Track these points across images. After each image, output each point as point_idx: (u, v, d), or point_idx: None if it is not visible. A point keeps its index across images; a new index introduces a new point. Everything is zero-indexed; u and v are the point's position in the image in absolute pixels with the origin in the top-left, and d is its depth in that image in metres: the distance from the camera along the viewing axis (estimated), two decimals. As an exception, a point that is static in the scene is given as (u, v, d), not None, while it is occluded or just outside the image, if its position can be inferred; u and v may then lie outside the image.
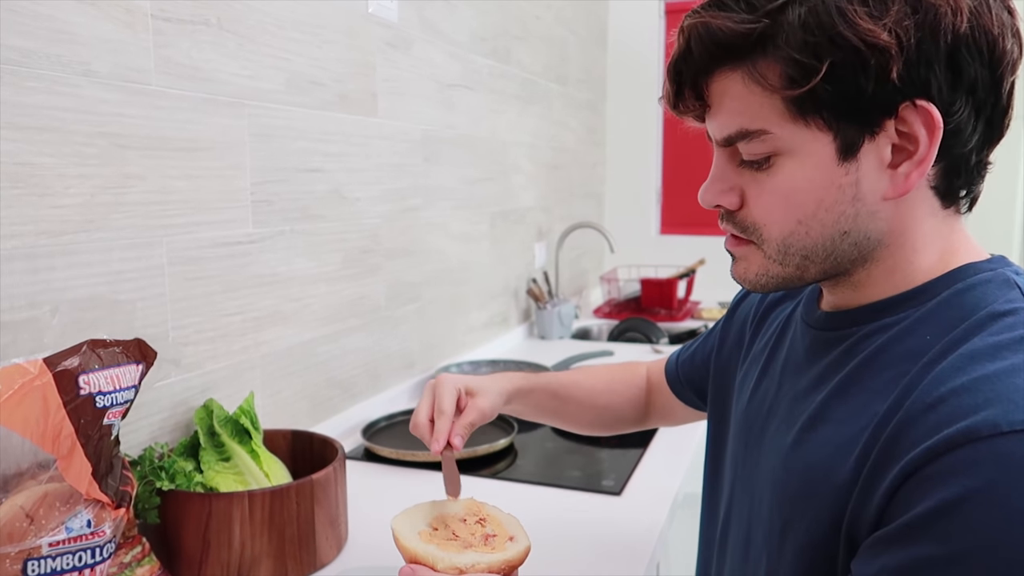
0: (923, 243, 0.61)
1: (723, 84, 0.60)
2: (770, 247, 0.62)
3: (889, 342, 0.60)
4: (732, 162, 0.63)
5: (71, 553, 0.78)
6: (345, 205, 1.46)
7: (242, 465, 1.05)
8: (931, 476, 0.49)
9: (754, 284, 0.65)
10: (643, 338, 2.40)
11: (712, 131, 0.63)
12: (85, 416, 0.79)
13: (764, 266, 0.64)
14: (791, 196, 0.60)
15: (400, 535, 0.71)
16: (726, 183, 0.64)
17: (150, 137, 1.03)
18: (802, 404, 0.66)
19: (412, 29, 1.65)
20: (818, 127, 0.57)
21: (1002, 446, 0.47)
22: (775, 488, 0.65)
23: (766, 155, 0.60)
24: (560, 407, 1.02)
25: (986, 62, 0.55)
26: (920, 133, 0.55)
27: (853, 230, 0.60)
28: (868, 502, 0.54)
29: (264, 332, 1.27)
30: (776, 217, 0.61)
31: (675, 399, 1.01)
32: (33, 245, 0.89)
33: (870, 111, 0.56)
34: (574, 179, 2.84)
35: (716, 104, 0.61)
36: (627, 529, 1.11)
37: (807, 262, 0.62)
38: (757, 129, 0.59)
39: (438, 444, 0.84)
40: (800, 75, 0.55)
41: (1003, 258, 0.63)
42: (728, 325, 0.90)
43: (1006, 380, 0.50)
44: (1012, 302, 0.57)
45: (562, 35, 2.62)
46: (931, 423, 0.51)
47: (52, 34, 0.90)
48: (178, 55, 1.06)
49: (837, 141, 0.57)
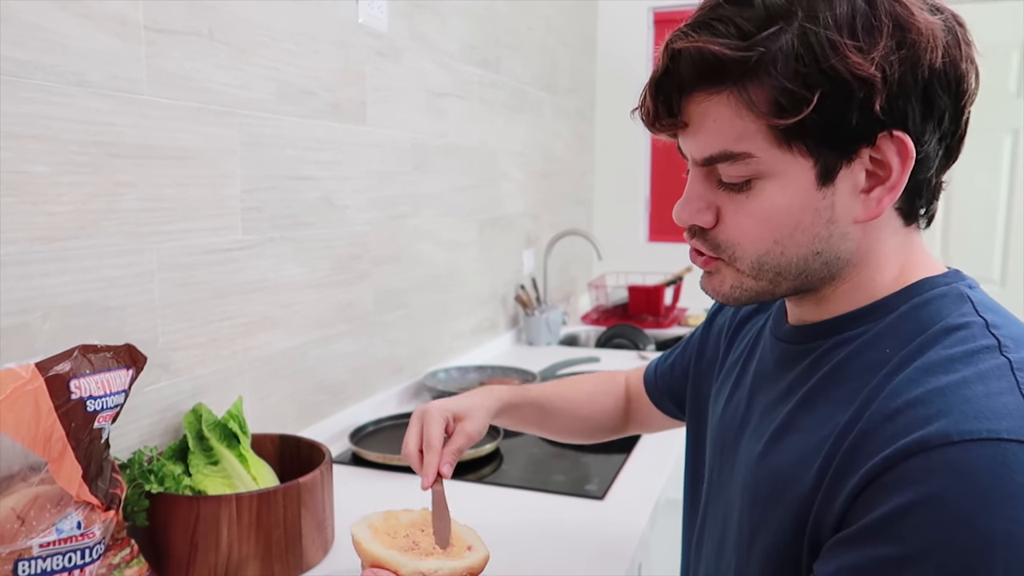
0: (886, 261, 0.64)
1: (705, 105, 0.60)
2: (743, 264, 0.63)
3: (851, 355, 0.63)
4: (709, 181, 0.64)
5: (61, 554, 0.80)
6: (334, 212, 1.48)
7: (230, 469, 1.06)
8: (888, 483, 0.52)
9: (727, 297, 0.67)
10: (630, 344, 2.42)
11: (690, 150, 0.64)
12: (76, 420, 0.80)
13: (738, 279, 0.65)
14: (770, 218, 0.61)
15: (361, 540, 0.72)
16: (702, 202, 0.64)
17: (141, 146, 1.05)
18: (771, 415, 0.68)
19: (402, 39, 1.67)
20: (800, 153, 0.58)
21: (952, 455, 0.50)
22: (745, 495, 0.68)
23: (746, 178, 0.60)
24: (544, 419, 1.04)
25: (953, 95, 0.58)
26: (893, 161, 0.58)
27: (825, 250, 0.62)
28: (830, 507, 0.56)
29: (253, 337, 1.29)
30: (752, 237, 0.62)
31: (653, 408, 1.03)
32: (26, 251, 0.91)
33: (851, 139, 0.57)
34: (563, 187, 2.87)
35: (696, 123, 0.61)
36: (610, 532, 1.13)
37: (780, 278, 0.63)
38: (741, 152, 0.59)
39: (427, 480, 0.84)
40: (791, 104, 0.56)
41: (958, 272, 0.65)
42: (705, 336, 0.93)
43: (958, 392, 0.53)
44: (964, 316, 0.60)
45: (552, 44, 2.65)
46: (888, 434, 0.54)
47: (47, 45, 0.91)
48: (170, 65, 1.08)
49: (817, 167, 0.58)
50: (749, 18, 0.57)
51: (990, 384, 0.53)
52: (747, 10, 0.57)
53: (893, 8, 0.56)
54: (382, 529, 0.77)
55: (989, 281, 3.00)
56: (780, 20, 0.56)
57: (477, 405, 0.94)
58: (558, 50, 2.72)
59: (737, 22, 0.57)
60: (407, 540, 0.76)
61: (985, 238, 2.99)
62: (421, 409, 0.92)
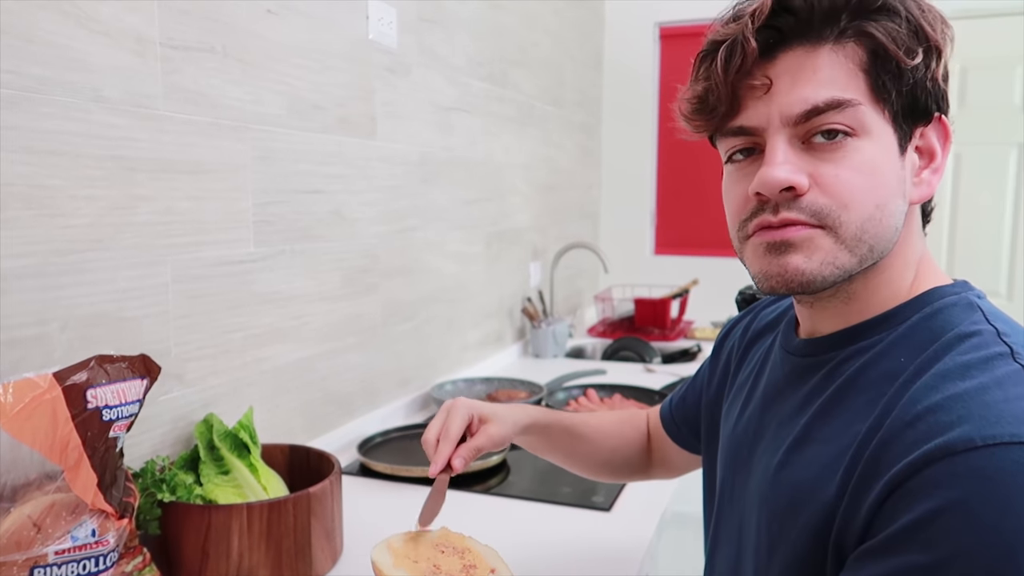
0: (912, 257, 0.66)
1: (802, 59, 0.60)
2: (847, 230, 0.60)
3: (866, 365, 0.63)
4: (795, 144, 0.61)
5: (76, 561, 0.81)
6: (344, 226, 1.50)
7: (241, 478, 1.08)
8: (912, 490, 0.52)
9: (814, 276, 0.62)
10: (636, 357, 2.43)
11: (779, 108, 0.61)
12: (92, 429, 0.82)
13: (832, 253, 0.61)
14: (874, 175, 0.60)
15: (382, 566, 0.72)
16: (793, 165, 0.61)
17: (157, 160, 1.07)
18: (787, 427, 0.68)
19: (411, 55, 1.70)
20: (886, 118, 0.61)
21: (977, 460, 0.50)
22: (763, 507, 0.68)
23: (847, 129, 0.60)
24: (573, 445, 1.01)
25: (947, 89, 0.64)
26: (936, 145, 0.63)
27: (899, 227, 0.63)
28: (855, 516, 0.56)
29: (264, 349, 1.30)
30: (858, 196, 0.60)
31: (671, 444, 1.02)
32: (44, 264, 0.93)
33: (920, 113, 0.62)
34: (569, 200, 2.88)
35: (790, 79, 0.60)
36: (616, 544, 1.13)
37: (871, 254, 0.62)
38: (850, 99, 0.59)
39: (435, 467, 0.84)
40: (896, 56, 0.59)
41: (966, 283, 0.67)
42: (714, 363, 0.93)
43: (977, 398, 0.54)
44: (976, 324, 0.61)
45: (559, 59, 2.68)
46: (910, 440, 0.54)
47: (66, 62, 0.94)
48: (185, 81, 1.11)
49: (897, 134, 0.62)
50: None
51: (1008, 390, 0.54)
52: None
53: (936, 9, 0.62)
54: (402, 552, 0.76)
55: (996, 295, 3.00)
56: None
57: (506, 414, 0.93)
58: (565, 65, 2.75)
59: None
60: (428, 564, 0.75)
61: (991, 252, 2.99)
62: (450, 402, 0.91)
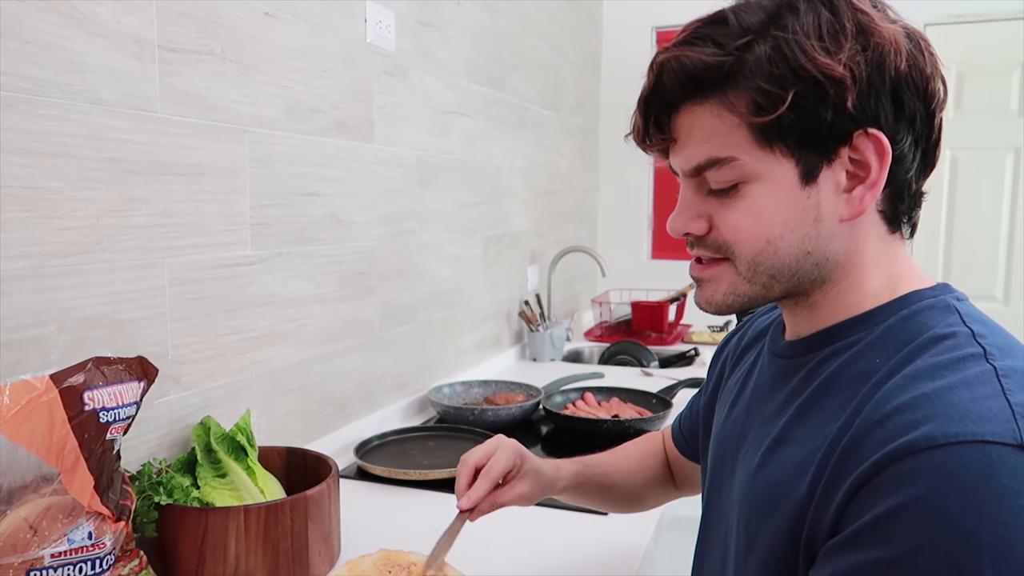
0: (873, 265, 0.66)
1: (691, 117, 0.64)
2: (741, 264, 0.66)
3: (843, 366, 0.64)
4: (699, 191, 0.67)
5: (72, 564, 0.81)
6: (341, 228, 1.50)
7: (238, 481, 1.07)
8: (877, 487, 0.53)
9: (720, 305, 0.68)
10: (634, 361, 2.43)
11: (679, 163, 0.67)
12: (89, 431, 0.82)
13: (733, 284, 0.67)
14: (759, 217, 0.64)
15: None
16: (693, 211, 0.67)
17: (154, 162, 1.07)
18: (768, 428, 0.69)
19: (409, 58, 1.70)
20: (782, 154, 0.62)
21: (939, 457, 0.51)
22: (742, 508, 0.69)
23: (733, 182, 0.64)
24: (605, 495, 1.03)
25: (922, 98, 0.62)
26: (871, 159, 0.61)
27: (815, 250, 0.64)
28: (824, 515, 0.57)
29: (261, 352, 1.30)
30: (745, 235, 0.64)
31: (686, 461, 1.02)
32: (41, 266, 0.93)
33: (828, 139, 0.61)
34: (567, 204, 2.89)
35: (684, 136, 0.65)
36: (614, 548, 1.13)
37: (773, 281, 0.66)
38: (726, 156, 0.63)
39: (468, 502, 0.85)
40: (767, 103, 0.60)
41: (947, 285, 0.67)
42: (711, 372, 0.94)
43: (944, 397, 0.54)
44: (952, 326, 0.61)
45: (556, 63, 2.68)
46: (878, 439, 0.55)
47: (64, 64, 0.94)
48: (183, 83, 1.11)
49: (799, 167, 0.62)
50: (725, 33, 0.62)
51: (975, 389, 0.54)
52: (723, 27, 0.62)
53: (856, 16, 0.60)
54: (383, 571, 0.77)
55: (992, 299, 3.00)
56: (753, 32, 0.61)
57: (542, 473, 0.93)
58: (562, 69, 2.75)
59: (715, 37, 0.62)
60: None
61: (988, 256, 3.00)
62: (502, 437, 0.92)
